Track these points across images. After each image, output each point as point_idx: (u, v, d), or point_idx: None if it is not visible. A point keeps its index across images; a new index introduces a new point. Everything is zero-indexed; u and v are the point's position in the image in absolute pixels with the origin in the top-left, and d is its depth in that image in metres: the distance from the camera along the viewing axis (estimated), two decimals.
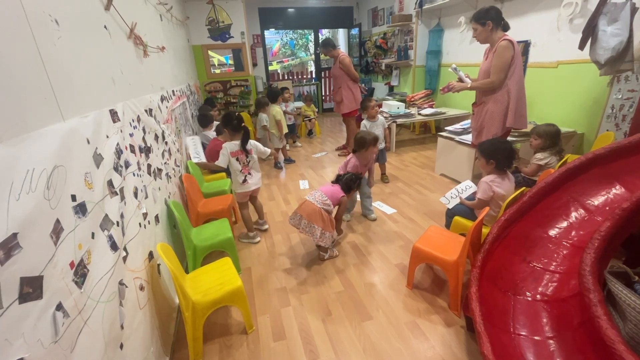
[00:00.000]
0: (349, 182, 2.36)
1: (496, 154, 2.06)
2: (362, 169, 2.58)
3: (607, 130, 2.94)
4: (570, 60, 3.25)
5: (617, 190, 1.62)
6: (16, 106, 0.80)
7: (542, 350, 1.21)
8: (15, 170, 0.74)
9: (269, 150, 2.60)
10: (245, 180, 2.43)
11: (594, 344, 1.09)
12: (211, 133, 3.73)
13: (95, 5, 1.47)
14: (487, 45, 2.63)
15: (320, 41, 4.54)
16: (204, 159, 3.10)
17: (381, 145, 3.37)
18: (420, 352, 1.56)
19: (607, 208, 1.58)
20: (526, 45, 3.71)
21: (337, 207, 2.35)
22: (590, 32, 2.50)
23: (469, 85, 2.68)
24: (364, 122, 3.34)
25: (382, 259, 2.30)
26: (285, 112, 4.79)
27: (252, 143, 2.47)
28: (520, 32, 3.73)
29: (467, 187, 2.24)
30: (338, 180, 2.40)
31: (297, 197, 3.42)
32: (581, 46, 2.60)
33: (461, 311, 1.74)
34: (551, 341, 1.22)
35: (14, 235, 0.70)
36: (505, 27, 2.54)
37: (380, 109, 4.45)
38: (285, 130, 4.36)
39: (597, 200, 1.63)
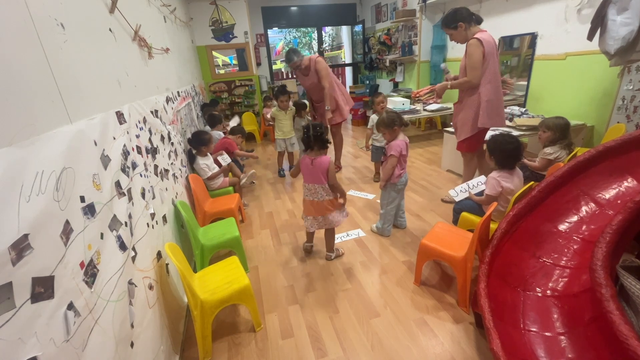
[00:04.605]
0: (316, 138, 1.91)
1: (495, 152, 2.03)
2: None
3: (618, 122, 2.88)
4: (579, 51, 3.18)
5: (628, 183, 1.58)
6: (25, 109, 0.81)
7: (553, 346, 1.19)
8: (25, 172, 0.75)
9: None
10: None
11: (606, 339, 1.07)
12: (219, 133, 3.78)
13: (99, 8, 1.49)
14: None
15: (287, 52, 3.57)
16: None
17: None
18: (428, 348, 1.55)
19: (619, 201, 1.55)
20: (533, 37, 3.64)
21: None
22: (599, 22, 2.44)
23: (449, 85, 2.64)
24: (372, 117, 3.40)
25: (389, 256, 2.29)
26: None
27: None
28: (527, 23, 3.67)
29: (479, 183, 2.20)
30: (307, 144, 1.98)
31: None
32: (590, 37, 2.54)
33: (470, 307, 1.73)
34: (562, 337, 1.21)
35: (25, 236, 0.71)
36: (478, 20, 2.50)
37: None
38: (282, 135, 3.92)
39: (608, 194, 1.60)
